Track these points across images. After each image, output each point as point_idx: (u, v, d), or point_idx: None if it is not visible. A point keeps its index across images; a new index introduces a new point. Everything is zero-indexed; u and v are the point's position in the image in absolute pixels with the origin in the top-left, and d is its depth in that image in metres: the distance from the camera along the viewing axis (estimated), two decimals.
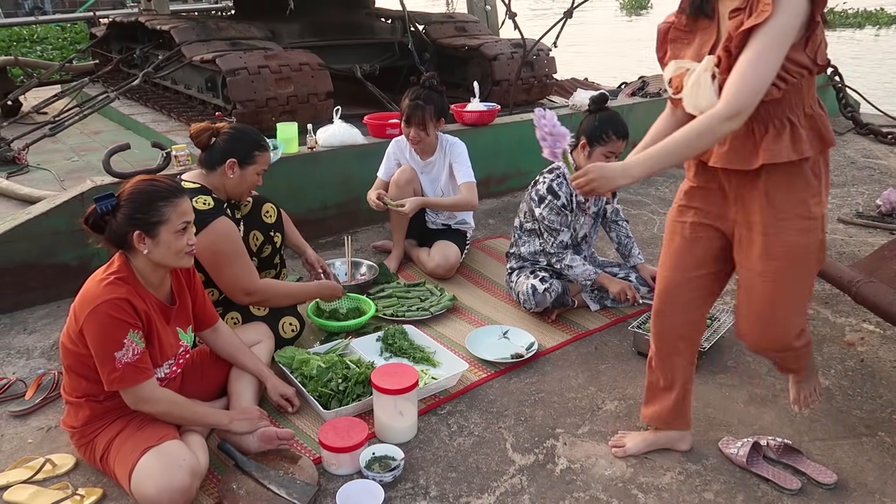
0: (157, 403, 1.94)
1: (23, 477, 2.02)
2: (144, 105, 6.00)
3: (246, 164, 2.51)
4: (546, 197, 2.94)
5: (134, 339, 1.86)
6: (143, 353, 1.88)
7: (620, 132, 2.84)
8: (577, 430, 2.28)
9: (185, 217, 1.94)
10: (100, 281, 1.90)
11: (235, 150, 2.50)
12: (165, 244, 1.90)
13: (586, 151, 2.87)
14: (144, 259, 1.93)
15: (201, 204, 2.42)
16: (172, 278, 2.11)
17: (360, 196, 3.72)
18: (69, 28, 12.86)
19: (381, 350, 2.70)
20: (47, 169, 4.57)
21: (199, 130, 2.50)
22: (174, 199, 1.91)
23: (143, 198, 1.88)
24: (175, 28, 5.17)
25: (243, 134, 2.55)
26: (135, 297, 1.89)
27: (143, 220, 1.88)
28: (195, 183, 2.51)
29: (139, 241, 1.89)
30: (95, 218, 1.91)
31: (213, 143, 2.50)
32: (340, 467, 2.06)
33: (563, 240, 2.94)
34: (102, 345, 1.84)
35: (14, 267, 3.02)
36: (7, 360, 2.71)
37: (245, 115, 4.33)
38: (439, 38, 6.00)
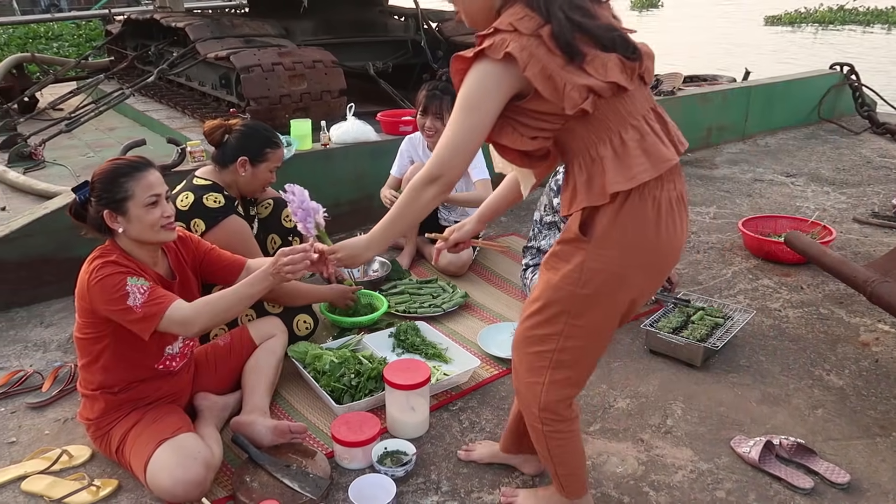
0: (198, 316, 1.91)
1: (40, 468, 2.05)
2: (159, 102, 6.05)
3: (258, 161, 2.53)
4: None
5: (135, 282, 1.87)
6: (151, 288, 1.89)
7: None
8: (589, 428, 2.28)
9: (151, 190, 1.92)
10: (88, 262, 1.93)
11: (247, 147, 2.52)
12: (137, 219, 1.91)
13: None
14: (126, 239, 1.95)
15: (212, 202, 2.44)
16: (170, 254, 2.12)
17: (373, 193, 3.74)
18: (84, 25, 12.96)
19: (393, 346, 2.71)
20: (63, 164, 4.62)
21: (212, 128, 2.52)
22: (136, 173, 1.92)
23: (107, 177, 1.91)
24: (190, 25, 5.21)
25: (255, 131, 2.57)
26: (124, 261, 1.91)
27: (109, 199, 1.89)
28: (207, 180, 2.53)
29: (111, 220, 1.91)
30: (77, 207, 1.95)
31: (225, 140, 2.52)
32: (353, 461, 2.07)
33: None
34: (114, 304, 1.85)
35: (31, 261, 3.06)
36: (24, 352, 2.74)
37: (259, 112, 4.36)
38: (452, 36, 6.00)
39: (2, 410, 2.37)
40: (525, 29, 1.39)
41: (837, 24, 20.66)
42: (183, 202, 2.45)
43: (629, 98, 1.46)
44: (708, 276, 3.40)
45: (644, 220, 1.46)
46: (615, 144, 1.44)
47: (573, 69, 1.38)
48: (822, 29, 19.89)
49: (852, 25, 20.12)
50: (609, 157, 1.44)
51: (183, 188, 2.54)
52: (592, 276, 1.49)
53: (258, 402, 2.23)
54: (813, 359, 2.66)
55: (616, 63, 1.42)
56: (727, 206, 4.44)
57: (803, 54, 14.29)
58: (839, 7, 22.18)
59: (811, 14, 21.77)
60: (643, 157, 1.44)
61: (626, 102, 1.45)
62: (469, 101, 1.44)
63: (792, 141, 6.12)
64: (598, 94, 1.40)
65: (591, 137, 1.46)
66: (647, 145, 1.45)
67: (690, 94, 5.63)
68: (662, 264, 1.55)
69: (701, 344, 2.57)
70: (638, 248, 1.48)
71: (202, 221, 2.43)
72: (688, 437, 2.23)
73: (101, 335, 1.94)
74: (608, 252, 1.48)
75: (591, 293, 1.51)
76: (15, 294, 3.06)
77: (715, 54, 13.95)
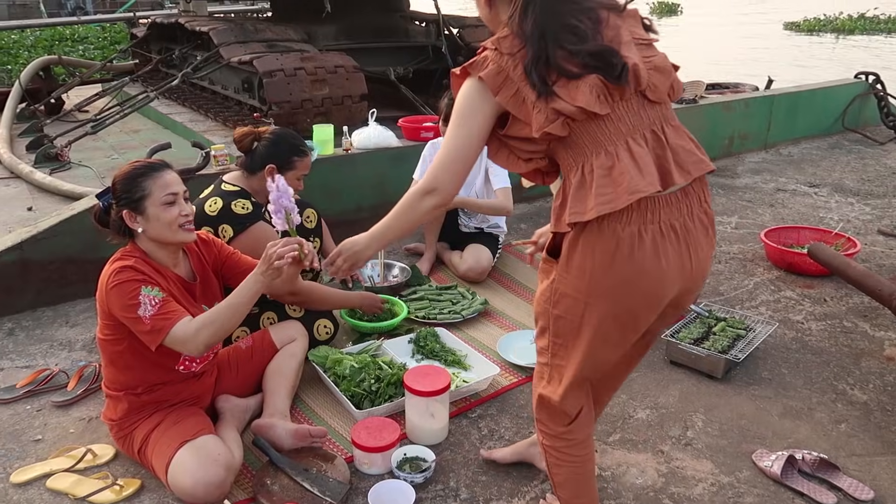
0: (197, 335, 1.91)
1: (65, 466, 2.08)
2: (182, 105, 6.12)
3: (285, 169, 2.57)
4: None
5: (148, 293, 1.89)
6: (163, 301, 1.91)
7: None
8: (608, 438, 2.27)
9: (168, 189, 1.96)
10: (110, 263, 1.97)
11: (275, 155, 2.56)
12: (154, 217, 1.94)
13: None
14: (146, 240, 1.98)
15: (240, 208, 2.48)
16: (190, 255, 2.15)
17: (394, 198, 3.71)
18: (109, 28, 13.16)
19: (412, 352, 2.72)
20: (88, 166, 4.69)
21: (243, 135, 2.56)
22: (154, 173, 1.96)
23: (126, 178, 1.95)
24: (214, 29, 5.27)
25: (283, 139, 2.61)
26: (144, 266, 1.94)
27: (128, 199, 1.94)
28: (235, 186, 2.56)
29: (130, 219, 1.95)
30: (101, 213, 1.99)
31: (254, 147, 2.55)
32: (372, 467, 2.08)
33: None
34: (125, 311, 1.89)
35: (57, 261, 3.11)
36: (50, 351, 2.79)
37: (280, 116, 4.40)
38: (473, 42, 6.01)
39: (28, 408, 2.41)
40: (506, 49, 1.40)
41: (858, 32, 20.44)
42: (211, 207, 2.48)
43: (611, 120, 1.39)
44: (729, 287, 3.37)
45: (605, 250, 1.39)
46: (584, 171, 1.40)
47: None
48: (842, 37, 19.71)
49: (874, 34, 19.89)
50: (574, 184, 1.41)
51: (211, 193, 2.57)
52: (560, 298, 1.48)
53: (279, 406, 2.25)
54: (836, 373, 2.63)
55: (592, 85, 1.36)
56: (749, 217, 4.41)
57: (825, 62, 14.16)
58: (860, 15, 21.96)
59: (831, 22, 21.60)
60: (608, 188, 1.36)
61: (606, 125, 1.39)
62: (459, 116, 1.47)
63: (815, 151, 6.06)
64: (569, 116, 1.37)
65: (569, 161, 1.44)
66: (616, 174, 1.36)
67: (713, 103, 5.60)
68: (644, 293, 1.44)
69: (722, 355, 2.56)
70: (601, 277, 1.41)
71: (230, 227, 2.46)
72: (708, 449, 2.21)
73: (121, 337, 1.97)
74: (570, 277, 1.45)
75: (561, 314, 1.49)
76: (41, 294, 3.11)
77: (735, 62, 13.86)
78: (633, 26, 1.48)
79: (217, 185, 2.61)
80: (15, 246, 3.00)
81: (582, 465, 1.68)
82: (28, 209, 3.90)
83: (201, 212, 2.48)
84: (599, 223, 1.39)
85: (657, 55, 1.47)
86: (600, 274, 1.41)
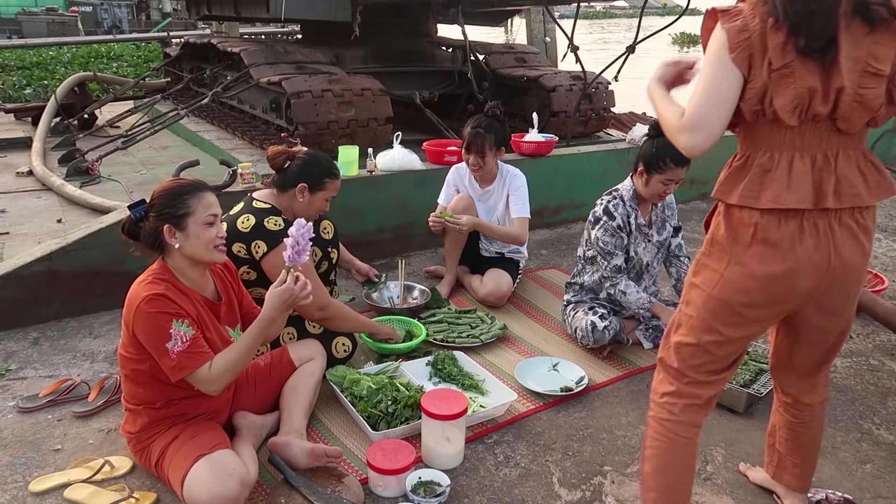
0: (221, 376, 1.97)
1: (83, 476, 2.09)
2: (210, 123, 6.23)
3: (316, 189, 2.62)
4: (602, 218, 2.90)
5: (180, 328, 1.92)
6: (193, 339, 1.94)
7: (680, 159, 2.75)
8: (626, 469, 2.24)
9: (210, 209, 2.02)
10: (139, 283, 1.99)
11: (308, 175, 2.61)
12: (195, 235, 1.98)
13: (644, 178, 2.84)
14: (179, 256, 2.01)
15: (273, 224, 2.52)
16: (215, 277, 2.18)
17: (415, 220, 3.78)
18: (144, 47, 13.48)
19: (430, 374, 2.71)
20: (117, 180, 4.78)
21: (276, 153, 2.61)
22: (198, 192, 2.02)
23: (170, 193, 1.99)
24: (245, 50, 5.38)
25: (316, 160, 2.67)
26: (174, 293, 1.96)
27: (171, 214, 1.97)
28: (266, 203, 2.60)
29: (170, 234, 1.97)
30: (131, 225, 2.02)
31: (287, 166, 2.60)
32: (386, 489, 2.07)
33: (617, 264, 2.89)
34: (153, 341, 1.92)
35: (84, 273, 3.16)
36: (73, 362, 2.82)
37: (306, 137, 4.46)
38: (499, 68, 6.07)
39: (49, 418, 2.44)
40: (758, 11, 1.45)
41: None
42: (244, 224, 2.52)
43: (791, 131, 1.49)
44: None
45: (743, 233, 1.55)
46: (747, 160, 1.55)
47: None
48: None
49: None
50: (735, 166, 1.58)
51: (243, 210, 2.61)
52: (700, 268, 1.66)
53: (295, 424, 2.25)
54: (861, 411, 2.58)
55: (797, 95, 1.44)
56: None
57: None
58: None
59: None
60: (755, 186, 1.52)
61: (784, 133, 1.50)
62: (711, 61, 1.50)
63: None
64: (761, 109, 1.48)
65: (742, 141, 1.58)
66: (768, 179, 1.51)
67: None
68: (768, 279, 1.55)
69: (744, 390, 2.52)
70: (733, 254, 1.58)
71: (263, 243, 2.50)
72: (728, 485, 2.17)
73: (143, 358, 1.99)
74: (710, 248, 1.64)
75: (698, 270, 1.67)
76: (67, 304, 3.16)
77: None
78: (880, 45, 1.43)
79: (248, 202, 2.64)
80: (44, 257, 3.06)
81: (676, 442, 1.72)
82: (58, 221, 3.98)
83: (234, 228, 2.52)
84: (740, 209, 1.55)
85: (875, 89, 1.45)
86: (733, 252, 1.57)
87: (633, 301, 2.87)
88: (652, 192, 2.84)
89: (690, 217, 4.95)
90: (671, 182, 2.79)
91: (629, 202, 2.92)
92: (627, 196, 2.93)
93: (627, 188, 2.94)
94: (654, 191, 2.83)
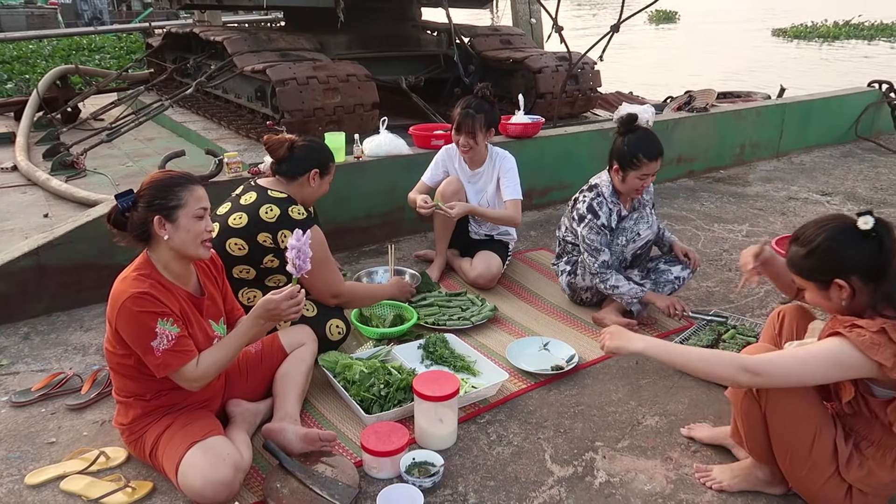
0: (206, 373, 2.00)
1: (78, 468, 2.10)
2: (196, 113, 6.20)
3: (325, 173, 2.68)
4: (586, 216, 2.92)
5: (165, 327, 1.92)
6: (178, 337, 1.94)
7: (653, 153, 2.76)
8: (617, 444, 2.27)
9: (201, 203, 2.01)
10: (122, 280, 1.98)
11: (318, 160, 2.65)
12: (185, 228, 1.98)
13: (620, 176, 2.86)
14: (166, 249, 2.00)
15: (297, 213, 2.54)
16: (199, 270, 2.18)
17: (404, 205, 3.78)
18: (125, 38, 13.34)
19: (422, 357, 2.73)
20: (103, 173, 4.76)
21: (279, 142, 2.62)
22: (190, 185, 2.01)
23: (161, 185, 1.98)
24: (228, 39, 5.34)
25: (322, 146, 2.73)
26: (158, 290, 1.96)
27: (162, 206, 1.96)
28: (282, 193, 2.60)
29: (160, 226, 1.96)
30: (117, 215, 2.00)
31: (291, 154, 2.59)
32: (381, 471, 2.09)
33: (605, 259, 2.91)
34: (138, 339, 1.92)
35: (73, 267, 3.15)
36: (65, 355, 2.82)
37: (292, 125, 4.44)
38: (484, 51, 6.06)
39: (43, 411, 2.44)
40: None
41: (843, 38, 21.01)
42: (268, 214, 2.52)
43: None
44: (740, 295, 3.36)
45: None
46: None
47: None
48: (827, 44, 20.17)
49: (856, 40, 20.43)
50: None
51: (261, 200, 2.57)
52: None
53: (289, 410, 2.27)
54: None
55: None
56: (760, 224, 4.39)
57: (830, 69, 14.30)
58: (845, 22, 22.64)
59: (817, 28, 22.25)
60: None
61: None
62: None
63: (828, 159, 6.04)
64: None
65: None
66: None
67: (724, 111, 5.60)
68: None
69: None
70: None
71: (290, 233, 2.50)
72: (718, 456, 2.21)
73: (128, 353, 1.99)
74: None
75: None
76: (56, 299, 3.16)
77: (741, 70, 13.98)
78: None
79: (261, 192, 2.60)
80: (31, 252, 3.05)
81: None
82: (44, 216, 3.97)
83: (257, 218, 2.52)
84: None
85: None
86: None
87: (625, 293, 2.90)
88: (629, 187, 2.88)
89: (678, 195, 4.98)
90: (647, 176, 2.81)
91: (610, 198, 2.94)
92: (608, 192, 2.94)
93: (606, 183, 2.96)
94: (632, 186, 2.86)
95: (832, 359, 1.67)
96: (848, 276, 1.71)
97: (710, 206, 4.79)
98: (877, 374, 1.65)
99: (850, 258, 1.71)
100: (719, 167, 5.61)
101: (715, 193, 5.04)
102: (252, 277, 2.61)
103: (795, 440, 1.82)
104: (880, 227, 1.68)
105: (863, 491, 1.81)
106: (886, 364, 1.61)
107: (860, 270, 1.70)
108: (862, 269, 1.70)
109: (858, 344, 1.63)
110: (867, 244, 1.69)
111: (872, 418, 1.78)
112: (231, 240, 2.54)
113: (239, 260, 2.57)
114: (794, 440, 1.82)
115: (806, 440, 1.81)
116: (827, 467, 1.81)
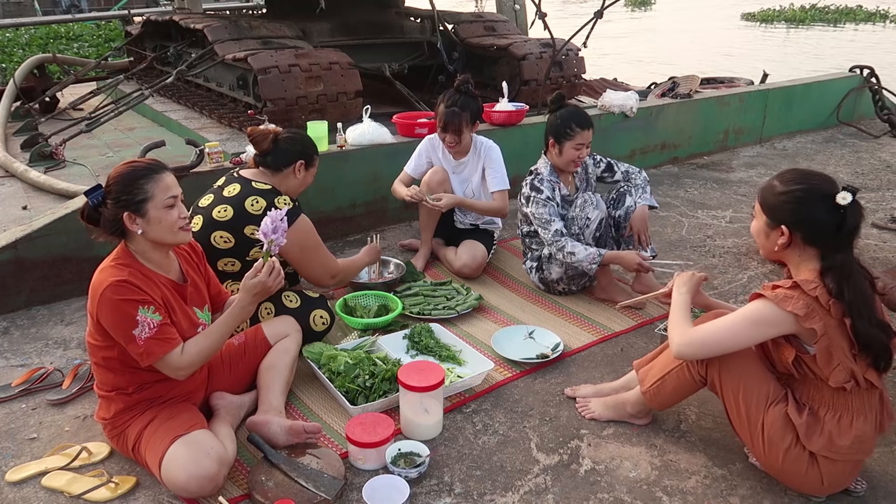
0: (192, 362, 2.00)
1: (60, 464, 2.08)
2: (177, 102, 6.11)
3: (310, 165, 2.70)
4: (530, 195, 3.05)
5: (146, 315, 1.90)
6: (161, 325, 1.93)
7: (583, 123, 2.97)
8: (602, 432, 2.28)
9: (169, 192, 1.97)
10: (101, 270, 1.96)
11: (303, 152, 2.66)
12: (156, 220, 1.94)
13: (556, 149, 3.02)
14: (142, 240, 1.97)
15: (283, 203, 2.54)
16: (179, 258, 2.15)
17: (388, 195, 3.75)
18: (104, 26, 13.11)
19: (407, 348, 2.72)
20: (83, 164, 4.69)
21: (263, 134, 2.61)
22: (155, 175, 1.95)
23: (124, 179, 1.93)
24: (208, 27, 5.26)
25: (306, 137, 2.74)
26: (139, 278, 1.94)
27: (129, 201, 1.92)
28: (266, 184, 2.59)
29: (130, 222, 1.93)
30: (90, 211, 1.96)
31: (276, 146, 2.58)
32: (367, 462, 2.09)
33: (557, 228, 2.98)
34: (119, 329, 1.90)
35: (52, 260, 3.11)
36: (45, 350, 2.79)
37: (275, 113, 4.39)
38: (468, 38, 6.02)
39: (23, 407, 2.41)
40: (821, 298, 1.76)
41: (808, 22, 21.62)
42: (254, 207, 2.51)
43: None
44: (723, 281, 3.38)
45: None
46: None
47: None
48: (792, 28, 20.70)
49: (821, 24, 20.97)
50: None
51: (245, 192, 2.55)
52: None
53: (273, 402, 2.26)
54: None
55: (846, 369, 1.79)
56: (744, 210, 4.42)
57: (806, 54, 14.49)
58: (811, 6, 23.27)
59: (783, 12, 22.85)
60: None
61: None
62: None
63: (810, 144, 6.07)
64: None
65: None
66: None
67: (707, 97, 5.60)
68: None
69: None
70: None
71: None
72: (702, 442, 2.23)
73: (111, 344, 1.97)
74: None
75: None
76: (36, 292, 3.11)
77: (718, 55, 14.11)
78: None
79: (246, 183, 2.58)
80: (9, 245, 3.00)
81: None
82: (23, 208, 3.90)
83: (242, 210, 2.50)
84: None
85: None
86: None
87: (583, 258, 2.93)
88: (567, 159, 3.02)
89: (662, 181, 4.99)
90: (582, 146, 2.98)
91: (549, 177, 3.07)
92: (547, 172, 3.09)
93: (544, 164, 3.12)
94: (569, 157, 3.01)
95: (755, 318, 1.82)
96: (796, 228, 1.82)
97: (694, 192, 4.81)
98: (795, 327, 1.77)
99: (808, 218, 1.80)
100: (703, 153, 5.62)
101: (699, 180, 5.06)
102: (237, 270, 2.58)
103: (749, 419, 1.93)
104: (851, 209, 1.74)
105: (829, 458, 1.84)
106: (800, 314, 1.74)
107: (809, 231, 1.81)
108: (812, 231, 1.81)
109: (772, 298, 1.78)
110: (832, 216, 1.76)
111: (817, 380, 1.85)
112: (216, 232, 2.52)
113: (224, 253, 2.54)
114: (749, 420, 1.93)
115: (756, 417, 1.90)
116: (780, 441, 1.87)
